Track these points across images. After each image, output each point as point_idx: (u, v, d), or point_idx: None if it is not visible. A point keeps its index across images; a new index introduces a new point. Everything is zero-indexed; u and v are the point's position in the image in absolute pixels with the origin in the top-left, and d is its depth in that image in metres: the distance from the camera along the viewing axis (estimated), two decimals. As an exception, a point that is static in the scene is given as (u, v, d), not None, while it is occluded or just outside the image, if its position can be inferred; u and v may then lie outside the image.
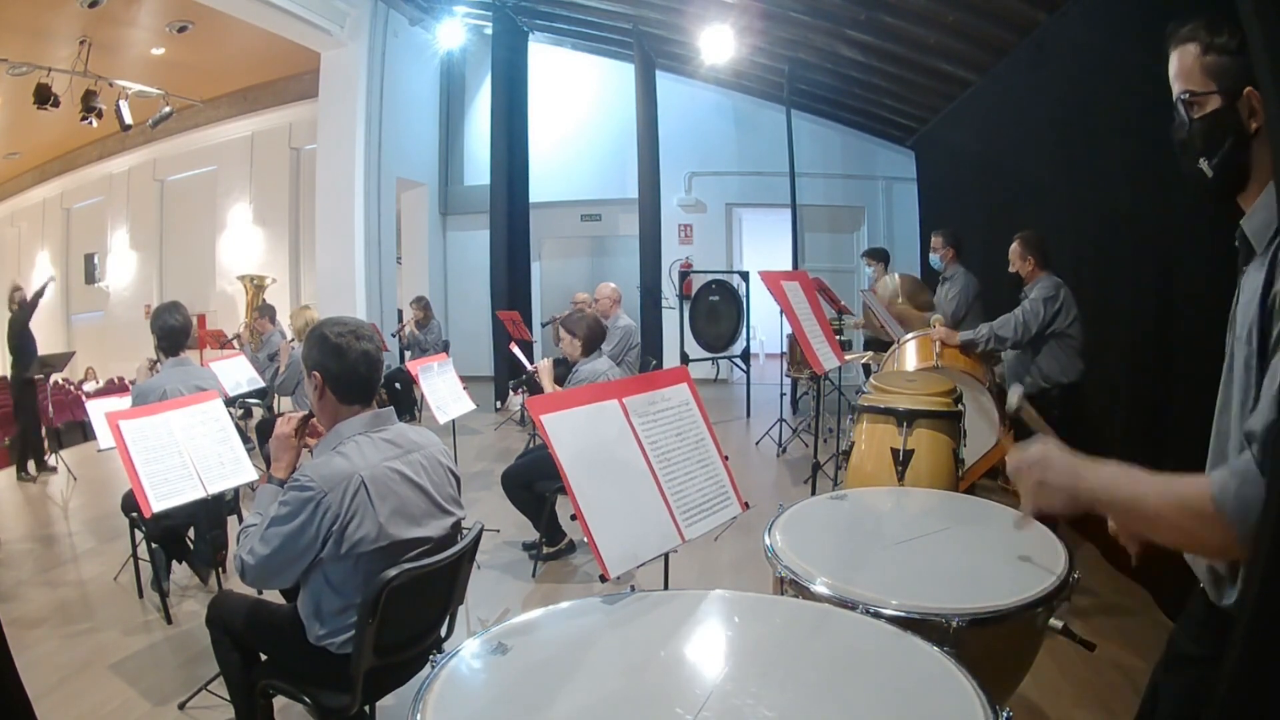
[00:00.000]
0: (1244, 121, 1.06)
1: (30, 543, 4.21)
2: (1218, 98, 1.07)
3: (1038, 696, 2.37)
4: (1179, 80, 1.12)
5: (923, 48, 5.86)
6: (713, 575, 3.44)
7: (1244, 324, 1.06)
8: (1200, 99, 1.09)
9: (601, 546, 1.53)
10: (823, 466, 4.21)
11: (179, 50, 9.28)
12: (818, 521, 1.88)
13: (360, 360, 1.77)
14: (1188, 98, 1.10)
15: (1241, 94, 1.05)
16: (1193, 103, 1.10)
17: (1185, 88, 1.10)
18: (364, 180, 8.34)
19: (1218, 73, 1.07)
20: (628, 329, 5.27)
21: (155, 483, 2.57)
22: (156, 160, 12.16)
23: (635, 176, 8.02)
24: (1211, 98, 1.08)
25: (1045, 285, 3.38)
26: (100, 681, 2.64)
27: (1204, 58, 1.08)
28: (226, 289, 11.28)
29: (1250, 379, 1.03)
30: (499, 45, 8.37)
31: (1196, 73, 1.09)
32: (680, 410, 1.89)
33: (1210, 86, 1.08)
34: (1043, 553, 1.58)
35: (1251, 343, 1.03)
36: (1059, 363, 3.39)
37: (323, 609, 1.74)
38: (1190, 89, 1.10)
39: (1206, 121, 1.09)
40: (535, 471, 3.59)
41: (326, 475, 1.64)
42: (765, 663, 1.23)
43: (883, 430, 2.63)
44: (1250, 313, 1.04)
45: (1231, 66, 1.06)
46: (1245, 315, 1.06)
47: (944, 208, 7.31)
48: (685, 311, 7.64)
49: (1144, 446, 3.15)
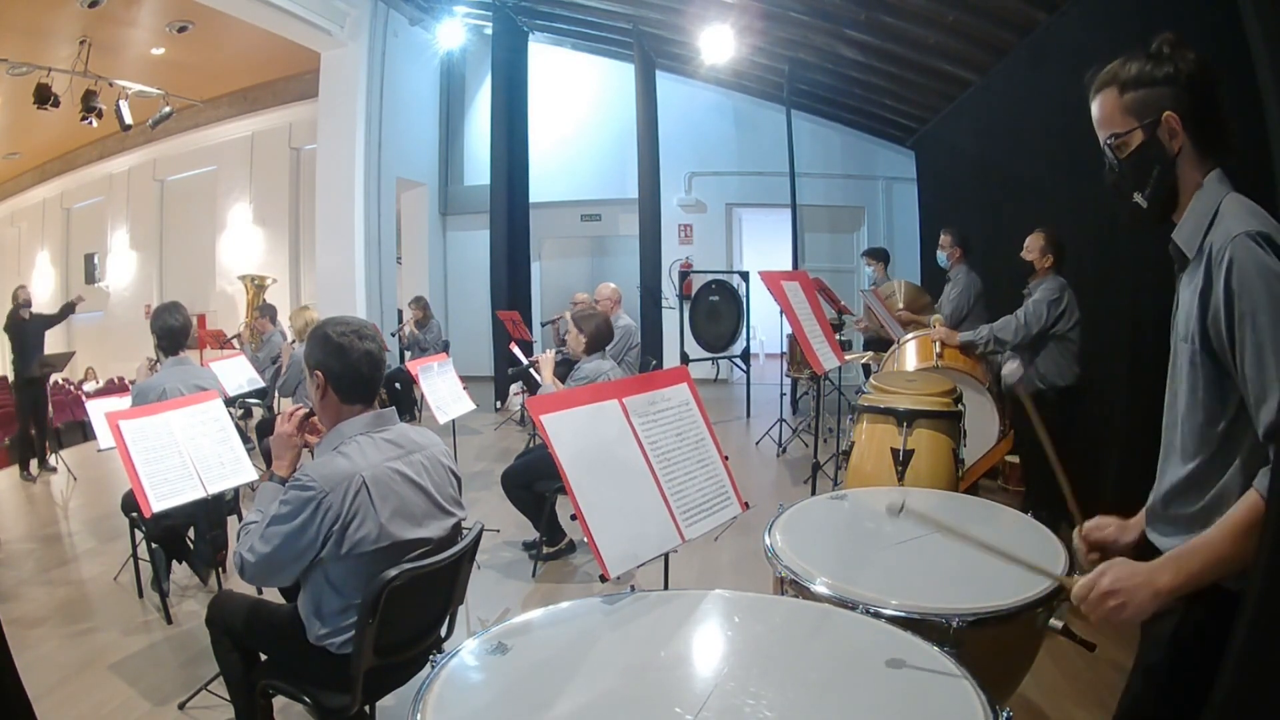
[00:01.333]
0: (1166, 146, 1.13)
1: (30, 543, 4.21)
2: (1139, 132, 1.14)
3: (1038, 696, 2.37)
4: (1103, 126, 1.19)
5: (923, 48, 5.86)
6: (713, 575, 3.44)
7: (1185, 325, 1.13)
8: (1124, 139, 1.16)
9: (601, 546, 1.53)
10: (823, 466, 4.21)
11: (179, 50, 9.27)
12: (818, 521, 1.88)
13: (363, 360, 1.77)
14: (1113, 141, 1.17)
15: (1161, 121, 1.12)
16: (1118, 144, 1.17)
17: (1110, 131, 1.18)
18: (364, 180, 8.34)
19: (1137, 109, 1.14)
20: (627, 328, 5.27)
21: (155, 483, 2.57)
22: (156, 160, 12.15)
23: (635, 176, 8.02)
24: (1134, 134, 1.15)
25: (1050, 287, 3.37)
26: (100, 681, 2.64)
27: (1122, 98, 1.15)
28: (226, 289, 11.28)
29: (1196, 375, 1.12)
30: (499, 45, 8.37)
31: (1118, 115, 1.16)
32: (680, 410, 1.89)
33: (1131, 124, 1.15)
34: (1043, 553, 1.58)
35: (1194, 342, 1.10)
36: (1057, 365, 3.38)
37: (323, 609, 1.74)
38: (1114, 131, 1.17)
39: (1133, 158, 1.16)
40: (535, 471, 3.59)
41: (328, 475, 1.64)
42: (765, 663, 1.23)
43: (883, 430, 2.63)
44: (1191, 315, 1.11)
45: (1149, 98, 1.13)
46: (1187, 318, 1.13)
47: (944, 208, 7.31)
48: (685, 311, 7.64)
49: (1140, 449, 3.14)
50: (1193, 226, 1.13)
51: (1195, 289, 1.10)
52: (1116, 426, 3.38)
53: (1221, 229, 1.08)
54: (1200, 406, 1.12)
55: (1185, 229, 1.14)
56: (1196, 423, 1.13)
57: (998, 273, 4.38)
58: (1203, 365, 1.10)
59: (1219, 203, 1.11)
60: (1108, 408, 3.48)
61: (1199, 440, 1.14)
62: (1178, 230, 1.15)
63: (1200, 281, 1.09)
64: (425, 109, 9.88)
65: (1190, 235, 1.13)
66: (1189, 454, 1.15)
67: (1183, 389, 1.16)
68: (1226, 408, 1.09)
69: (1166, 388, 1.22)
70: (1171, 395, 1.21)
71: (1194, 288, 1.11)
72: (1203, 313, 1.08)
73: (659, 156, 7.96)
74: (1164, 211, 1.18)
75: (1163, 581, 1.06)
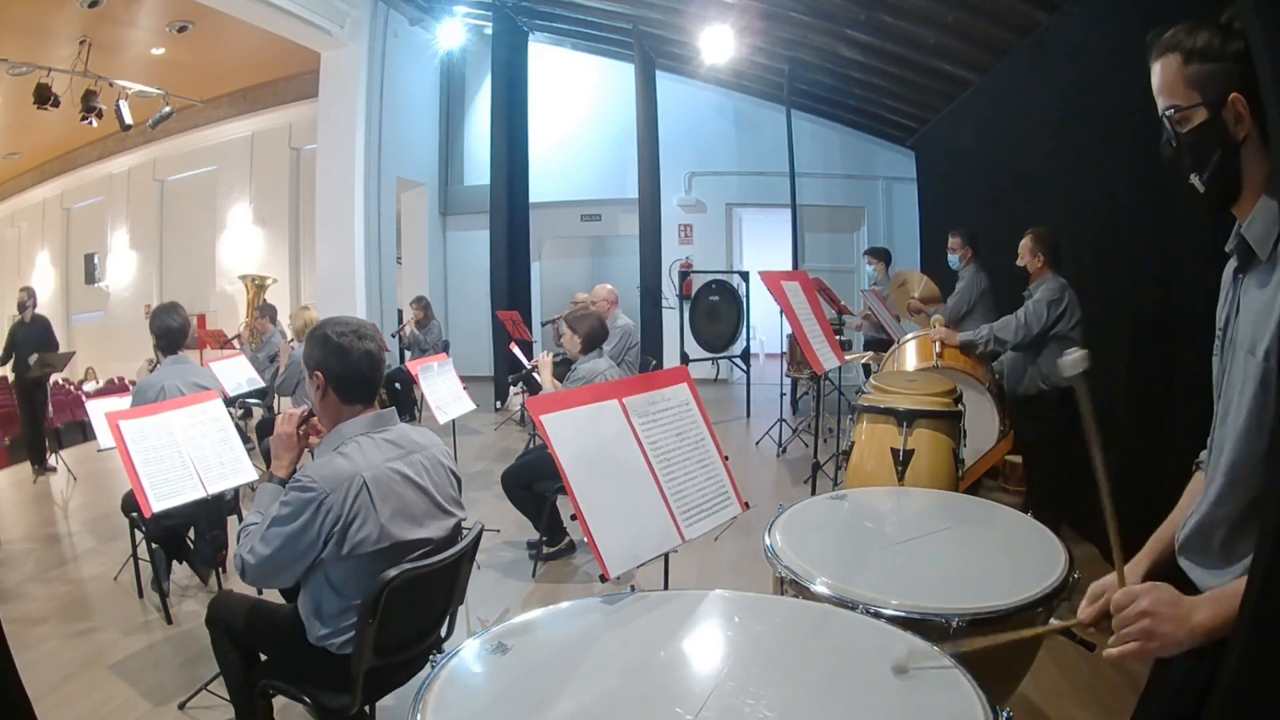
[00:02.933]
0: (1231, 130, 1.03)
1: (30, 542, 4.21)
2: (1203, 110, 1.04)
3: (1038, 696, 2.37)
4: (1163, 95, 1.09)
5: (923, 48, 5.86)
6: (713, 575, 3.44)
7: (1253, 337, 1.01)
8: (1186, 113, 1.06)
9: (601, 546, 1.53)
10: (823, 466, 4.21)
11: (179, 50, 9.27)
12: (818, 521, 1.88)
13: (363, 360, 1.77)
14: (1173, 113, 1.07)
15: (1227, 102, 1.02)
16: (1179, 118, 1.06)
17: (1170, 102, 1.07)
18: (364, 180, 8.34)
19: (1202, 83, 1.04)
20: (626, 328, 5.27)
21: (155, 483, 2.57)
22: (156, 160, 12.15)
23: (635, 176, 8.02)
24: (1197, 110, 1.04)
25: (1050, 287, 3.37)
26: (100, 681, 2.64)
27: (1186, 68, 1.05)
28: (226, 289, 11.28)
29: (1269, 399, 0.98)
30: (499, 45, 8.37)
31: (1180, 85, 1.06)
32: (680, 410, 1.89)
33: (1195, 99, 1.04)
34: (1043, 553, 1.58)
35: (1271, 360, 0.98)
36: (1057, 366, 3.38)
37: (323, 609, 1.74)
38: (1175, 103, 1.06)
39: (1194, 136, 1.06)
40: (535, 471, 3.59)
41: (328, 476, 1.64)
42: (765, 662, 1.23)
43: (883, 430, 2.63)
44: (1266, 326, 0.99)
45: (1215, 74, 1.02)
46: (1255, 328, 1.01)
47: (944, 208, 7.31)
48: (685, 311, 7.64)
49: (1143, 450, 3.15)
50: (1265, 225, 1.01)
51: (1272, 298, 0.98)
52: (1117, 427, 3.38)
53: None
54: (1266, 434, 1.00)
55: (1257, 225, 1.03)
56: (1256, 452, 1.01)
57: (998, 273, 4.38)
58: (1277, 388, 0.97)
59: None
60: (1108, 408, 3.48)
61: (1254, 472, 1.02)
62: (1248, 226, 1.04)
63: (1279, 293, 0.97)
64: (425, 109, 9.88)
65: (1262, 234, 1.02)
66: (1241, 485, 1.04)
67: (1244, 410, 1.03)
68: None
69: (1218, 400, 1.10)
70: (1224, 409, 1.08)
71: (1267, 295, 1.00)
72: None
73: (659, 156, 7.96)
74: (1222, 201, 1.07)
75: (1199, 618, 0.98)
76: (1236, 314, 1.08)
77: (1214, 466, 1.10)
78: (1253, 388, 1.01)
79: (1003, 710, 1.04)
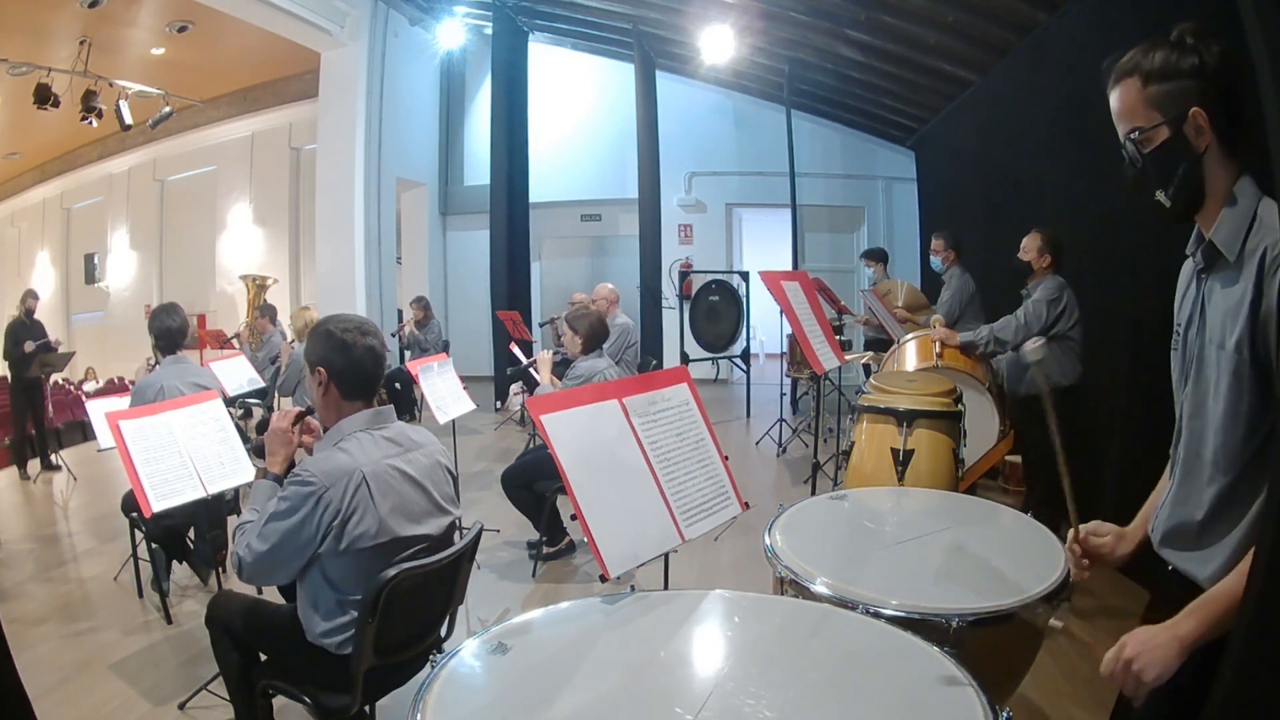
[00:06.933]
0: (1193, 143, 1.07)
1: (31, 542, 4.21)
2: (1165, 128, 1.08)
3: (1038, 696, 2.37)
4: (1124, 119, 1.13)
5: (923, 48, 5.86)
6: (713, 575, 3.44)
7: (1223, 332, 1.07)
8: (1149, 134, 1.10)
9: (601, 546, 1.53)
10: (823, 466, 4.21)
11: (179, 50, 9.27)
12: (818, 521, 1.88)
13: (365, 356, 1.78)
14: (1137, 135, 1.11)
15: (1187, 117, 1.06)
16: (1142, 139, 1.10)
17: (1132, 125, 1.11)
18: (364, 180, 8.34)
19: (1162, 102, 1.08)
20: (625, 327, 5.27)
21: (155, 483, 2.57)
22: (156, 160, 12.15)
23: (635, 176, 8.02)
24: (1159, 130, 1.08)
25: (1049, 287, 3.37)
26: (100, 681, 2.64)
27: (1146, 90, 1.09)
28: (226, 289, 11.28)
29: (1241, 386, 1.05)
30: (499, 45, 8.36)
31: (1141, 107, 1.10)
32: (680, 410, 1.89)
33: (1156, 119, 1.09)
34: (1043, 553, 1.58)
35: (1242, 352, 1.04)
36: (1059, 365, 3.38)
37: (320, 604, 1.74)
38: (1138, 125, 1.10)
39: (1157, 154, 1.10)
40: (535, 471, 3.59)
41: (328, 470, 1.64)
42: (765, 662, 1.23)
43: (883, 430, 2.63)
44: (1236, 322, 1.05)
45: (1174, 91, 1.07)
46: (1226, 323, 1.07)
47: (944, 208, 7.31)
48: (685, 311, 7.64)
49: (1142, 450, 3.15)
50: (1231, 229, 1.07)
51: (1241, 296, 1.04)
52: (1116, 426, 3.38)
53: (1268, 235, 1.03)
54: (1243, 420, 1.06)
55: (1223, 230, 1.08)
56: (1235, 437, 1.07)
57: (998, 273, 4.38)
58: (1250, 377, 1.04)
59: (1256, 206, 1.06)
60: (1108, 408, 3.48)
61: (1235, 456, 1.07)
62: (1215, 231, 1.09)
63: (1249, 290, 1.03)
64: (425, 109, 9.88)
65: (1229, 237, 1.07)
66: (1223, 470, 1.09)
67: (1220, 400, 1.08)
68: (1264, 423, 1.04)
69: (1188, 394, 1.15)
70: (1195, 405, 1.14)
71: (1236, 293, 1.05)
72: (1251, 321, 1.03)
73: (659, 156, 7.96)
74: (1188, 210, 1.12)
75: (1186, 630, 1.03)
76: (1201, 312, 1.14)
77: (1190, 457, 1.15)
78: (1227, 379, 1.07)
79: (1003, 710, 1.04)
